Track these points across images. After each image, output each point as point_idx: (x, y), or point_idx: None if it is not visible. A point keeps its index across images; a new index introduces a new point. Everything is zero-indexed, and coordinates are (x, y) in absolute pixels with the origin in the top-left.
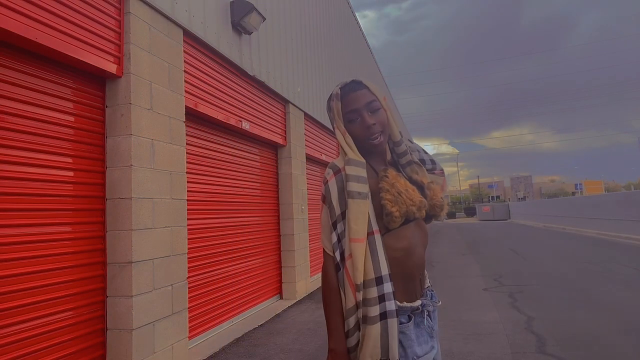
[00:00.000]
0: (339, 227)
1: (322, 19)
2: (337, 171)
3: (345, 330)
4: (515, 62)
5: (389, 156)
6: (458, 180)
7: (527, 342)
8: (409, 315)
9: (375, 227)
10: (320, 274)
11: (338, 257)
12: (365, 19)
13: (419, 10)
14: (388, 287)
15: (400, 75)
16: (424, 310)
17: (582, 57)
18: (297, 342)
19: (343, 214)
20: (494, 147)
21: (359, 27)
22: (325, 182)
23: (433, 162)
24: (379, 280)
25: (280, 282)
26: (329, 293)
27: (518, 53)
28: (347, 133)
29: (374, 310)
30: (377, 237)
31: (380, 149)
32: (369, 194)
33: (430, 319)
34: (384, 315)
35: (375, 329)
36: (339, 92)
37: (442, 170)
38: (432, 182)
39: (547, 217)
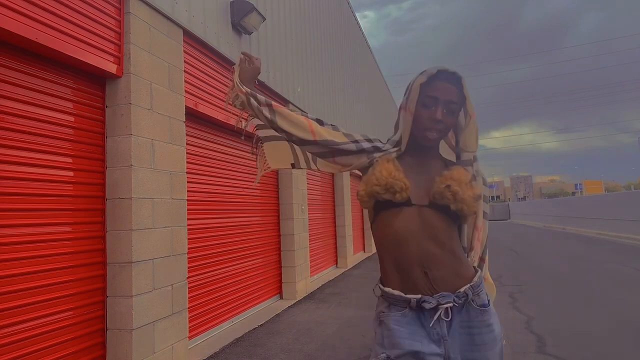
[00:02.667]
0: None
1: (323, 19)
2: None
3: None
4: (515, 62)
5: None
6: None
7: (527, 342)
8: (405, 307)
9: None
10: (319, 274)
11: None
12: (366, 19)
13: (419, 11)
14: None
15: (400, 76)
16: (424, 308)
17: (582, 58)
18: (297, 342)
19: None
20: (494, 147)
21: (359, 27)
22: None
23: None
24: None
25: (280, 282)
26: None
27: (518, 53)
28: (411, 114)
29: None
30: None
31: (428, 145)
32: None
33: (447, 325)
34: None
35: None
36: (434, 72)
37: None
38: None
39: (547, 217)
